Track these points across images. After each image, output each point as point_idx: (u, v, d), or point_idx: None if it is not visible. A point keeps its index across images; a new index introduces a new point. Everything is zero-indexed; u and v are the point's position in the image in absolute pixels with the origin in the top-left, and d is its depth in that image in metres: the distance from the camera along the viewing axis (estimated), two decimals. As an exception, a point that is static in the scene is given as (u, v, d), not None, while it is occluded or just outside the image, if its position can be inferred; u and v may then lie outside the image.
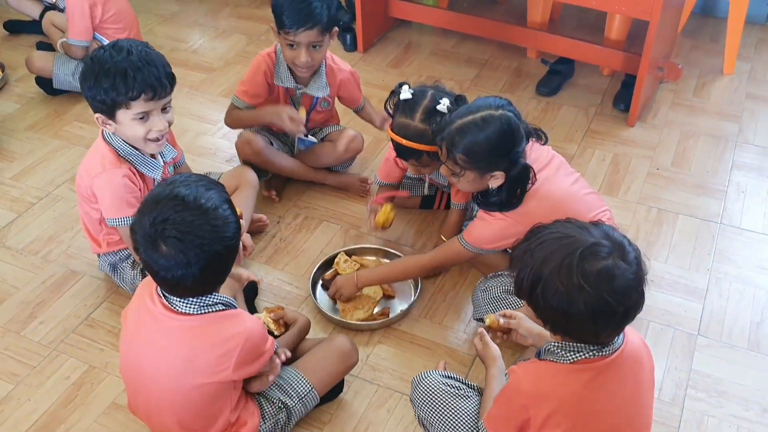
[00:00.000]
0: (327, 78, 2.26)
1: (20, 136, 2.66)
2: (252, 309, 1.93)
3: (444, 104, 1.85)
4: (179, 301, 1.34)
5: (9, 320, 1.95)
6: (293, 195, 2.39)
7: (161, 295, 1.36)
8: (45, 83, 2.84)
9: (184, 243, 1.27)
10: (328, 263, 2.10)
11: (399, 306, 1.99)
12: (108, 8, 2.75)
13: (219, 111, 2.79)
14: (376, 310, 1.95)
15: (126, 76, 1.68)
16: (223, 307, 1.38)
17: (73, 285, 2.06)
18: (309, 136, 2.37)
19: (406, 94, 1.91)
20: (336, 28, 2.18)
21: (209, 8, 3.57)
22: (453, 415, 1.48)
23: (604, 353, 1.22)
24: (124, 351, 1.45)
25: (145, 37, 2.98)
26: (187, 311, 1.34)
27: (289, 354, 1.57)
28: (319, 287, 2.04)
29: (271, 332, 1.65)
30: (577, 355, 1.22)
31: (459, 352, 1.88)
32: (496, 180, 1.71)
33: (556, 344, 1.24)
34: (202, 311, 1.35)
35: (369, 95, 2.50)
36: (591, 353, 1.22)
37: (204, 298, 1.35)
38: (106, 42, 2.78)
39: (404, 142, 1.89)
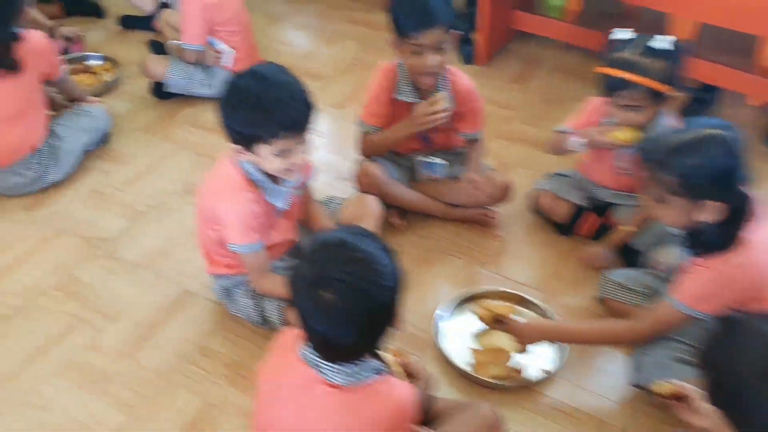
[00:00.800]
0: (449, 89, 2.10)
1: (132, 138, 2.60)
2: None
3: (665, 41, 1.83)
4: (328, 368, 1.21)
5: (123, 341, 1.87)
6: (413, 223, 2.24)
7: (309, 357, 1.23)
8: (157, 87, 2.78)
9: (349, 290, 1.13)
10: (459, 303, 1.94)
11: (530, 364, 1.78)
12: (224, 11, 2.66)
13: (331, 123, 2.68)
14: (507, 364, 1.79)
15: (268, 112, 1.56)
16: (375, 374, 1.24)
17: (188, 307, 1.97)
18: (434, 158, 2.22)
19: (624, 34, 1.91)
20: (455, 31, 2.03)
21: (319, 10, 3.46)
22: None
23: None
24: (264, 416, 1.32)
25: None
26: (336, 381, 1.21)
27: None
28: (444, 329, 1.88)
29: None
30: None
31: (609, 425, 1.69)
32: (705, 213, 1.49)
33: None
34: (354, 380, 1.21)
35: (488, 114, 2.30)
36: None
37: (355, 365, 1.21)
38: (219, 45, 2.70)
39: (625, 74, 1.83)
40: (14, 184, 2.29)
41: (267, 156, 1.62)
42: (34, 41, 2.24)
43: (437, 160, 2.23)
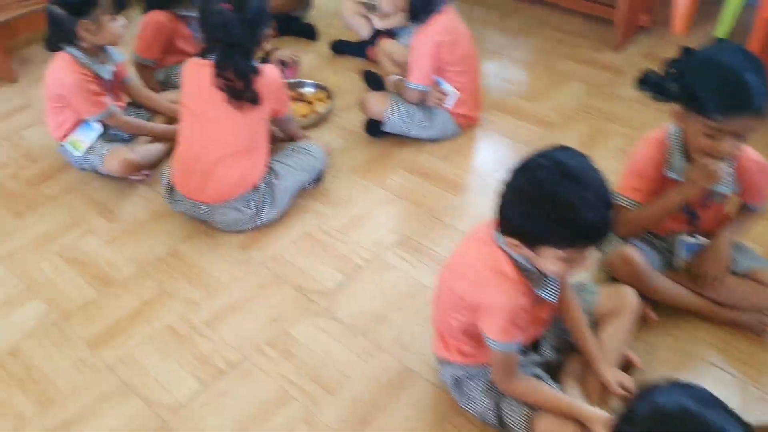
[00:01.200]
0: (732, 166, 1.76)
1: (345, 179, 2.46)
2: None
3: None
4: None
5: (342, 420, 1.70)
6: (667, 319, 1.89)
7: None
8: (373, 124, 2.63)
9: None
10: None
11: None
12: (455, 48, 2.46)
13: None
14: None
15: (571, 219, 1.30)
16: None
17: (409, 388, 1.76)
18: (696, 236, 1.89)
19: None
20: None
21: (540, 45, 3.19)
22: None
23: None
24: None
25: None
26: None
27: None
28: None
29: None
30: None
31: None
32: None
33: None
34: None
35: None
36: None
37: None
38: (445, 86, 2.50)
39: None
40: (233, 219, 2.21)
41: (549, 258, 1.37)
42: (270, 76, 2.15)
43: (698, 240, 1.89)
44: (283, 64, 2.94)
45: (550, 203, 1.30)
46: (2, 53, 3.03)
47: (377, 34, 3.04)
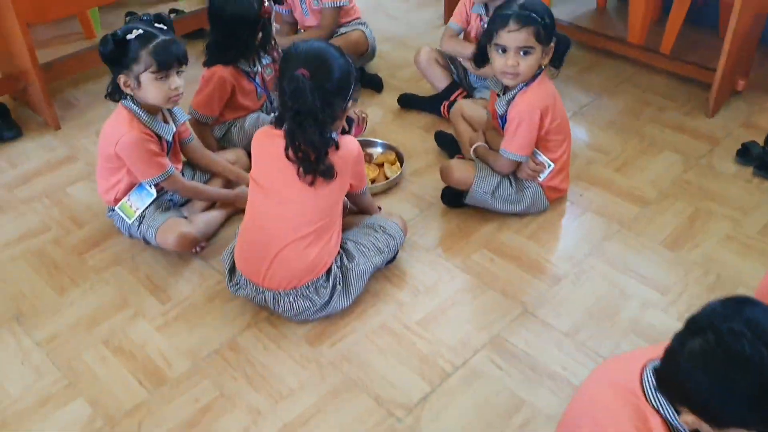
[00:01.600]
0: None
1: (422, 258, 2.20)
2: None
3: None
4: None
5: None
6: None
7: None
8: (454, 195, 2.38)
9: None
10: None
11: None
12: (556, 114, 2.21)
13: (665, 270, 2.13)
14: None
15: None
16: None
17: None
18: None
19: None
20: None
21: (625, 106, 2.91)
22: None
23: None
24: None
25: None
26: None
27: None
28: None
29: None
30: None
31: None
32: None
33: None
34: None
35: None
36: None
37: None
38: (541, 157, 2.25)
39: None
40: (301, 308, 1.96)
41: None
42: (348, 148, 1.91)
43: None
44: (348, 122, 2.71)
45: (759, 386, 1.03)
46: (45, 97, 2.82)
47: (451, 88, 2.80)
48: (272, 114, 2.65)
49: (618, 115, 2.85)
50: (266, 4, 2.36)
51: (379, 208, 2.24)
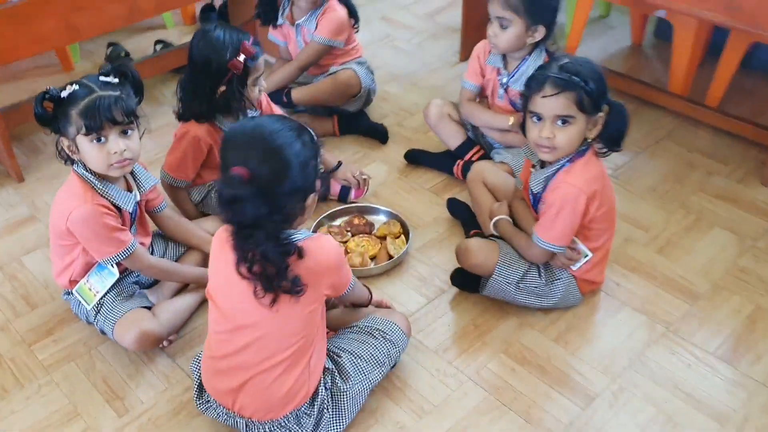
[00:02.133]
0: None
1: (428, 363, 1.84)
2: None
3: None
4: None
5: None
6: None
7: None
8: (466, 279, 2.03)
9: None
10: None
11: None
12: (603, 200, 1.84)
13: (723, 391, 1.76)
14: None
15: None
16: None
17: None
18: None
19: None
20: None
21: (667, 168, 2.53)
22: None
23: None
24: None
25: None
26: None
27: None
28: None
29: None
30: None
31: None
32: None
33: None
34: None
35: None
36: None
37: None
38: (580, 245, 1.88)
39: None
40: (281, 440, 1.62)
41: None
42: (321, 255, 1.49)
43: None
44: (345, 189, 2.37)
45: None
46: (6, 146, 2.48)
47: (466, 146, 2.45)
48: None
49: (659, 179, 2.47)
50: (240, 57, 2.00)
51: (370, 298, 1.87)
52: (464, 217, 2.27)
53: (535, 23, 2.15)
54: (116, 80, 1.74)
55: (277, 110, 2.31)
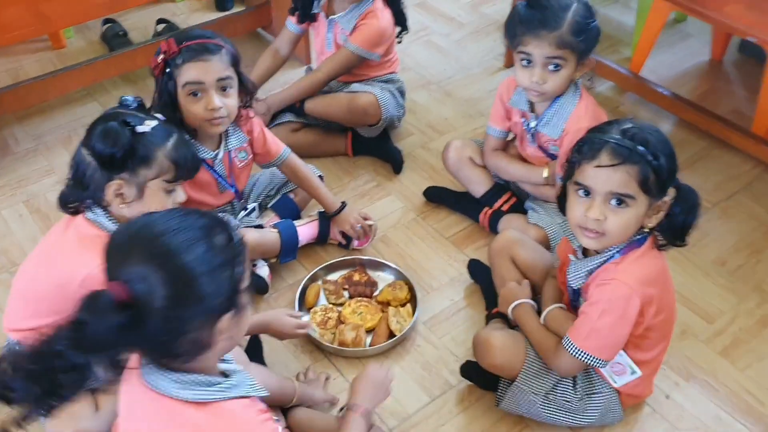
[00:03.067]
0: None
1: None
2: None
3: None
4: None
5: None
6: None
7: None
8: (480, 375, 1.63)
9: None
10: None
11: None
12: (663, 305, 1.43)
13: None
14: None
15: None
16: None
17: None
18: None
19: None
20: None
21: (740, 232, 2.06)
22: None
23: None
24: None
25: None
26: None
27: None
28: None
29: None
30: None
31: None
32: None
33: None
34: None
35: None
36: None
37: None
38: (625, 358, 1.48)
39: None
40: None
41: None
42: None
43: None
44: (347, 239, 1.99)
45: None
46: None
47: (494, 192, 2.04)
48: (242, 212, 1.95)
49: (729, 249, 2.02)
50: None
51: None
52: (487, 286, 1.87)
53: (586, 56, 1.78)
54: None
55: (272, 143, 1.91)
